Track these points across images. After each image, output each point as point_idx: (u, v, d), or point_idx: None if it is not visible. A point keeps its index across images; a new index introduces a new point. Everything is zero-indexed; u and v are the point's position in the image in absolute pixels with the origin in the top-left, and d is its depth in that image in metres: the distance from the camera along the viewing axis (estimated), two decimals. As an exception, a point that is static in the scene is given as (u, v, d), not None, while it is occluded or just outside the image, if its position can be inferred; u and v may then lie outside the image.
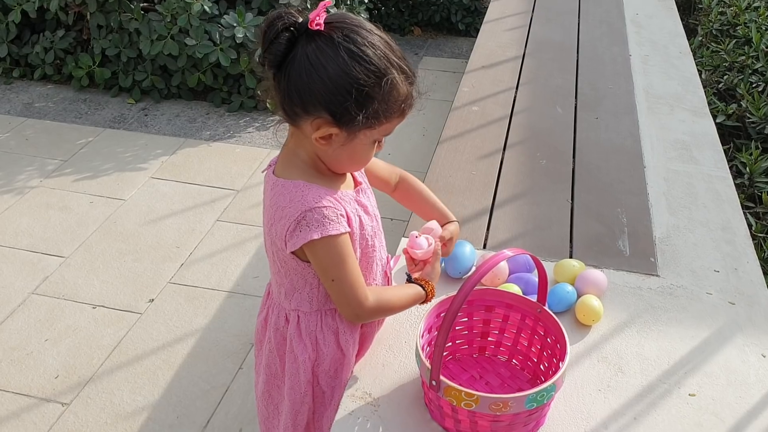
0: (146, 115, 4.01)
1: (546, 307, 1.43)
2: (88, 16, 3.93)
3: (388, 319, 1.61)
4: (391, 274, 1.59)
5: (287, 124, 1.30)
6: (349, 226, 1.32)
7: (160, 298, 2.72)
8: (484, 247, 1.90)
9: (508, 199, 2.11)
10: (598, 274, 1.70)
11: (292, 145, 1.32)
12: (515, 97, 2.73)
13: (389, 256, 1.57)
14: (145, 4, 3.90)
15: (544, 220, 2.01)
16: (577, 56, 3.09)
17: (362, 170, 1.49)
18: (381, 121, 1.23)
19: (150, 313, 2.65)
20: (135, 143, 3.75)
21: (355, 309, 1.34)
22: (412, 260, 1.50)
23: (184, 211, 3.22)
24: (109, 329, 2.57)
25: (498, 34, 3.34)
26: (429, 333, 1.43)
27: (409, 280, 1.47)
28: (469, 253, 1.74)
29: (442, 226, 1.55)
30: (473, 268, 1.74)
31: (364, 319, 1.41)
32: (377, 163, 1.57)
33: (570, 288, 1.67)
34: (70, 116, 3.97)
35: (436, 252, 1.49)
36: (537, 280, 1.67)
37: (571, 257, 1.87)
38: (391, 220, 2.97)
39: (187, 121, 3.96)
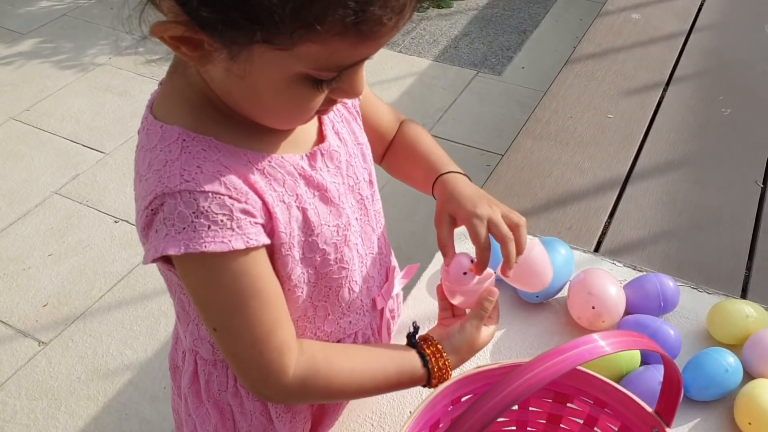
0: None
1: (668, 430, 0.71)
2: None
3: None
4: (396, 313, 0.93)
5: None
6: (272, 231, 0.66)
7: (192, 221, 2.20)
8: (597, 249, 1.15)
9: (655, 167, 1.31)
10: (790, 341, 0.93)
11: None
12: (702, 3, 1.83)
13: (394, 266, 0.89)
14: None
15: (709, 215, 1.21)
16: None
17: (351, 105, 0.80)
18: (285, 32, 0.54)
19: (176, 238, 2.14)
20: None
21: (257, 387, 0.70)
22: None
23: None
24: (123, 252, 2.09)
25: None
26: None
27: (410, 340, 0.78)
28: (562, 262, 1.02)
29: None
30: (566, 288, 1.02)
31: (281, 399, 0.77)
32: (377, 106, 0.87)
33: (732, 360, 0.91)
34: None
35: (485, 297, 0.78)
36: (674, 335, 0.94)
37: (744, 293, 1.08)
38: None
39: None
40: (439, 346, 0.75)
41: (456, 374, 0.76)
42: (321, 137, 0.74)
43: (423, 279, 1.07)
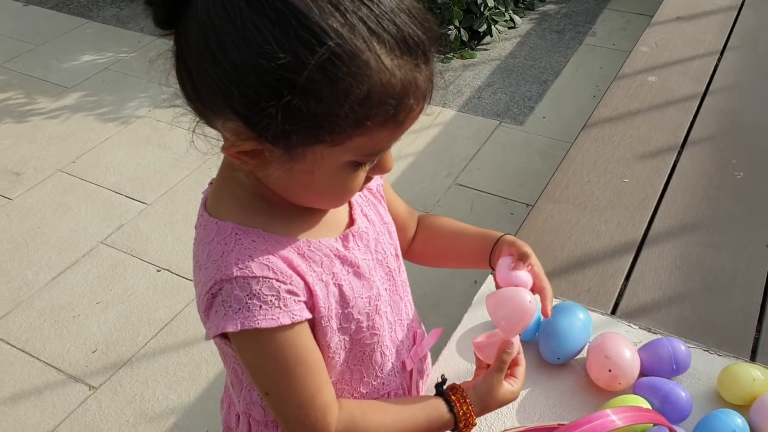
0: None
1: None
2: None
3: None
4: (425, 373, 1.02)
5: None
6: (313, 307, 0.77)
7: (230, 269, 2.32)
8: (614, 312, 1.23)
9: (670, 231, 1.40)
10: (795, 403, 1.00)
11: (228, 157, 0.77)
12: (716, 66, 1.93)
13: (421, 331, 0.98)
14: None
15: (722, 277, 1.30)
16: (824, 12, 2.17)
17: (376, 190, 0.91)
18: (340, 133, 0.66)
19: (215, 287, 2.26)
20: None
21: None
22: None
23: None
24: (166, 300, 2.21)
25: (710, -28, 2.46)
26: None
27: (438, 389, 0.88)
28: (581, 326, 1.10)
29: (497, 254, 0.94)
30: (585, 350, 1.11)
31: None
32: (395, 199, 1.00)
33: (739, 421, 0.98)
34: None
35: (503, 349, 0.88)
36: (686, 396, 1.02)
37: (753, 355, 1.16)
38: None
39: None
40: (463, 392, 0.84)
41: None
42: (351, 221, 0.85)
43: (453, 339, 1.16)
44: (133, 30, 3.74)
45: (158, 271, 2.32)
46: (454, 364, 1.12)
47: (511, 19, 3.64)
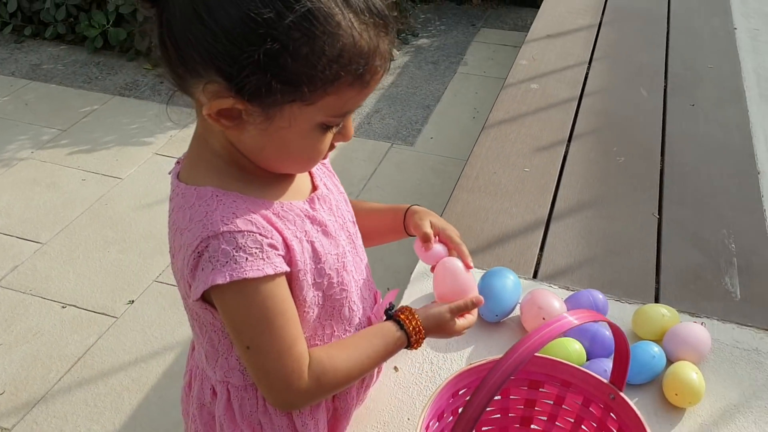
0: (161, 83, 3.57)
1: (623, 394, 0.91)
2: (103, -31, 3.51)
3: (386, 380, 1.11)
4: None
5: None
6: (290, 261, 0.82)
7: (141, 299, 2.28)
8: (535, 276, 1.37)
9: (571, 209, 1.57)
10: (697, 331, 1.17)
11: (200, 129, 0.84)
12: (587, 74, 2.17)
13: (378, 292, 1.06)
14: (164, -44, 3.44)
15: (620, 242, 1.47)
16: (668, 28, 2.49)
17: (327, 166, 0.99)
18: (313, 90, 0.74)
19: (127, 317, 2.21)
20: (144, 114, 3.31)
21: (282, 394, 0.85)
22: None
23: (186, 195, 2.77)
24: (75, 335, 2.14)
25: (569, -2, 2.76)
26: (439, 421, 0.93)
27: (387, 313, 0.96)
28: (512, 287, 1.23)
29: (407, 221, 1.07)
30: (517, 309, 1.23)
31: (299, 407, 0.92)
32: None
33: (656, 349, 1.14)
34: (78, 81, 3.57)
35: (472, 298, 0.98)
36: (609, 335, 1.15)
37: (657, 300, 1.33)
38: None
39: (206, 91, 3.51)
40: (411, 310, 0.93)
41: (451, 374, 0.94)
42: (314, 187, 0.92)
43: (405, 301, 1.25)
44: (5, 75, 3.61)
45: (63, 307, 2.24)
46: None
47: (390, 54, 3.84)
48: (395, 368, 1.15)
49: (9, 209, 2.67)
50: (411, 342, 0.93)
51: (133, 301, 2.27)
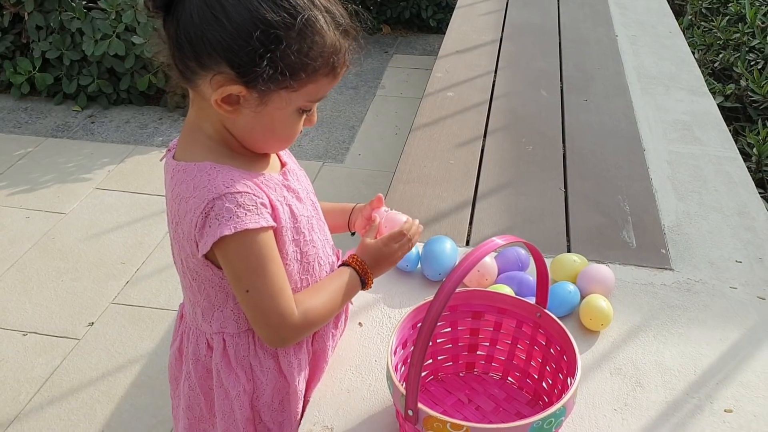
0: (93, 123, 3.68)
1: (547, 310, 1.15)
2: (26, 17, 3.61)
3: (354, 334, 1.31)
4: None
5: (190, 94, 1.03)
6: (275, 218, 1.02)
7: (101, 321, 2.39)
8: (467, 243, 1.61)
9: (492, 190, 1.82)
10: (603, 270, 1.43)
11: (194, 117, 1.03)
12: (494, 81, 2.46)
13: (339, 251, 1.27)
14: (86, 2, 3.58)
15: (535, 212, 1.73)
16: (560, 39, 2.83)
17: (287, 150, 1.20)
18: (301, 78, 0.95)
19: (89, 338, 2.32)
20: (79, 152, 3.41)
21: (277, 330, 1.03)
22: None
23: (131, 224, 2.90)
24: (40, 359, 2.24)
25: (472, 18, 3.07)
26: (404, 348, 1.14)
27: (344, 264, 1.17)
28: (450, 250, 1.45)
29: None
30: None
31: (291, 342, 1.10)
32: None
33: (572, 287, 1.38)
34: (8, 126, 3.63)
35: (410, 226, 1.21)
36: (533, 279, 1.39)
37: (569, 252, 1.59)
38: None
39: (138, 127, 3.64)
40: (358, 258, 1.15)
41: (410, 310, 1.15)
42: (282, 163, 1.13)
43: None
44: (-68, 125, 3.64)
45: (24, 335, 2.33)
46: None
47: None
48: (360, 324, 1.35)
49: (-45, 251, 2.73)
50: (361, 276, 1.13)
51: (93, 323, 2.38)
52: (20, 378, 2.16)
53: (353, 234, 1.34)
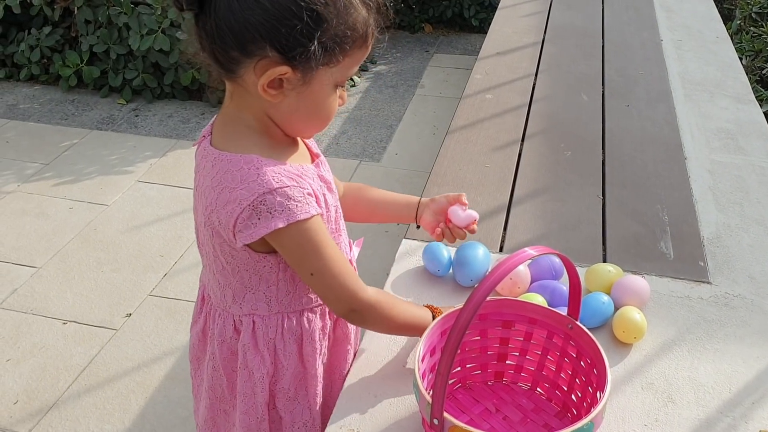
0: (137, 116, 3.75)
1: (579, 322, 1.13)
2: (75, 11, 3.69)
3: (383, 338, 1.31)
4: (354, 264, 1.31)
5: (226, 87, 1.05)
6: (319, 206, 1.05)
7: (138, 312, 2.44)
8: (501, 250, 1.60)
9: (528, 196, 1.81)
10: (638, 282, 1.40)
11: (234, 108, 1.05)
12: (534, 84, 2.44)
13: (351, 241, 1.29)
14: (134, -4, 3.65)
15: (571, 219, 1.71)
16: (603, 42, 2.79)
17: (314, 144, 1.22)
18: (340, 53, 0.97)
19: (126, 329, 2.37)
20: (123, 145, 3.49)
21: (350, 303, 1.08)
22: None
23: (171, 217, 2.95)
24: (79, 347, 2.29)
25: (513, 20, 3.04)
26: (432, 356, 1.14)
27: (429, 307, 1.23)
28: (483, 256, 1.45)
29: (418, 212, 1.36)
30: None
31: (364, 316, 1.11)
32: None
33: (606, 298, 1.36)
34: (56, 118, 3.72)
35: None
36: (566, 289, 1.38)
37: (604, 262, 1.57)
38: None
39: (181, 122, 3.70)
40: (440, 310, 1.19)
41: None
42: (314, 154, 1.14)
43: (392, 277, 1.46)
44: (-17, 115, 3.75)
45: (64, 323, 2.39)
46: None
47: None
48: (389, 327, 1.35)
49: (1, 238, 2.81)
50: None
51: (130, 314, 2.43)
52: (59, 366, 2.22)
53: (419, 227, 1.37)
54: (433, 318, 1.17)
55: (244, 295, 1.12)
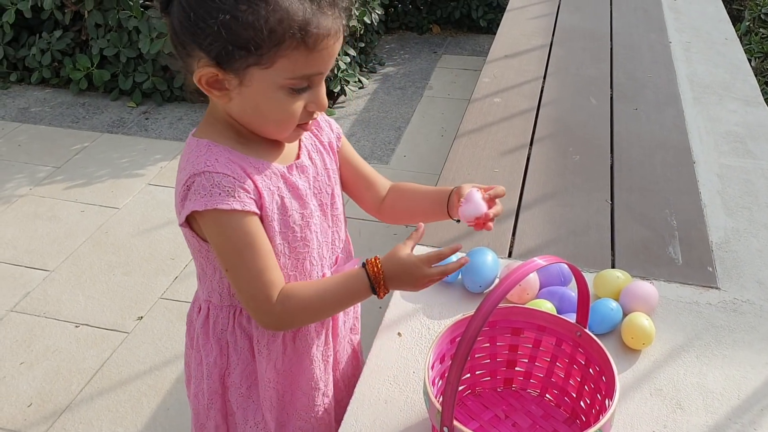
0: (147, 119, 3.78)
1: (587, 330, 1.14)
2: (86, 15, 3.72)
3: (393, 344, 1.32)
4: None
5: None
6: (261, 206, 1.04)
7: (149, 315, 2.46)
8: (510, 255, 1.61)
9: (536, 200, 1.81)
10: (647, 288, 1.41)
11: (211, 102, 1.08)
12: (543, 87, 2.44)
13: (340, 257, 1.25)
14: (143, 1, 3.67)
15: (579, 225, 1.72)
16: (611, 44, 2.79)
17: (328, 145, 1.20)
18: (265, 52, 0.94)
19: (138, 332, 2.39)
20: (133, 148, 3.51)
21: (255, 313, 1.06)
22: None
23: (181, 220, 2.96)
24: (91, 350, 2.31)
25: (522, 22, 3.05)
26: (441, 363, 1.15)
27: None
28: (492, 262, 1.46)
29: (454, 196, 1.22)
30: (496, 281, 1.45)
31: (274, 327, 1.10)
32: (359, 162, 1.29)
33: (614, 304, 1.37)
34: (67, 121, 3.75)
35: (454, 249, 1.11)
36: (574, 295, 1.38)
37: (613, 267, 1.57)
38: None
39: (190, 124, 3.72)
40: (378, 263, 1.06)
41: (449, 322, 1.16)
42: (297, 158, 1.13)
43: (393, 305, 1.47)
44: (-5, 119, 3.78)
45: (77, 326, 2.41)
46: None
47: (360, 80, 4.11)
48: (399, 334, 1.36)
49: (14, 242, 2.84)
50: (373, 283, 1.05)
51: (142, 317, 2.45)
52: (72, 369, 2.24)
53: (458, 221, 1.22)
54: (365, 268, 1.07)
55: (204, 280, 1.14)
